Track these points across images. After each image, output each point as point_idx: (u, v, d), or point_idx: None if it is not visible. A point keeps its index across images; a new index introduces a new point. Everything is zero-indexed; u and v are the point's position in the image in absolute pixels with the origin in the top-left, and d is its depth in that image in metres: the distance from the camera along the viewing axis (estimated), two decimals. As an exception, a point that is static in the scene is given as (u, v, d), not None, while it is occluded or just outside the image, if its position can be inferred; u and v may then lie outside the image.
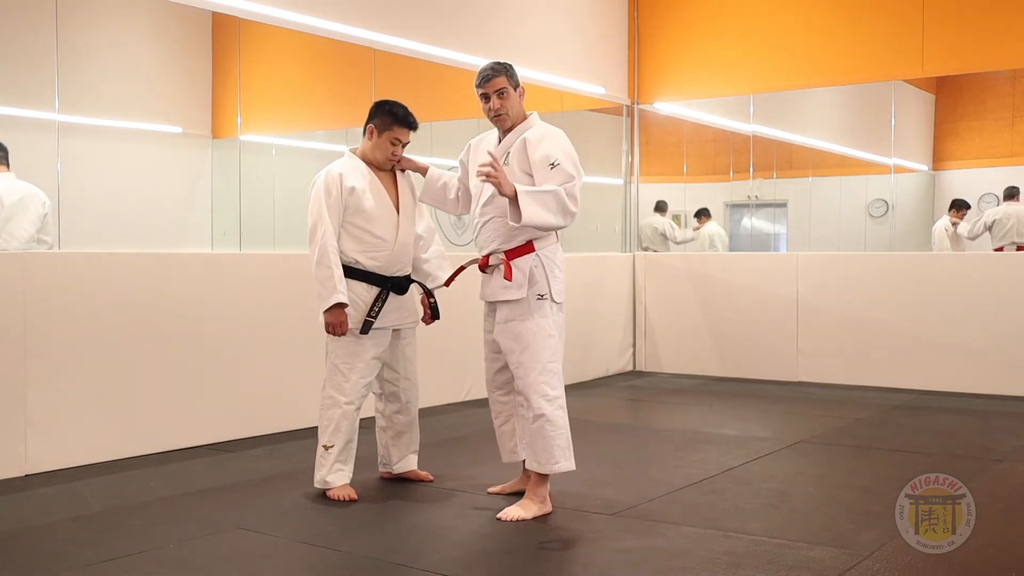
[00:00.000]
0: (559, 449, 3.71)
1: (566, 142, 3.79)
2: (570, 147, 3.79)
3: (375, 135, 4.05)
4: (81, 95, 7.06)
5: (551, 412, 3.70)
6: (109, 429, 4.69)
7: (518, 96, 3.84)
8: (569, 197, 3.66)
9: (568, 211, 3.66)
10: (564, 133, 3.86)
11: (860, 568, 3.12)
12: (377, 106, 4.09)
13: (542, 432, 3.71)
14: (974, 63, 7.53)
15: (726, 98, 8.70)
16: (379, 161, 4.08)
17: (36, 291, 4.42)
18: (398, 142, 4.05)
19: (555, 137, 3.78)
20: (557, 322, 3.81)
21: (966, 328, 6.94)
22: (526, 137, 3.76)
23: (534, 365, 3.72)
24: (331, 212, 3.94)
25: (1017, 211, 8.96)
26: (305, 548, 3.43)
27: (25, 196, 5.61)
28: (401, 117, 4.04)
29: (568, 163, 3.72)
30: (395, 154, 4.08)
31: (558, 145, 3.75)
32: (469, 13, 6.87)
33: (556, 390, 3.74)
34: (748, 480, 4.38)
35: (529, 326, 3.74)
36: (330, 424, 4.01)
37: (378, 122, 4.05)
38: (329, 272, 3.89)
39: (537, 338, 3.73)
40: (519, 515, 3.69)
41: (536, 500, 3.75)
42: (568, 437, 3.75)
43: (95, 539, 3.51)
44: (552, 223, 3.65)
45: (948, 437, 5.51)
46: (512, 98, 3.81)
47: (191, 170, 8.22)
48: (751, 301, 7.79)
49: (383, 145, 4.05)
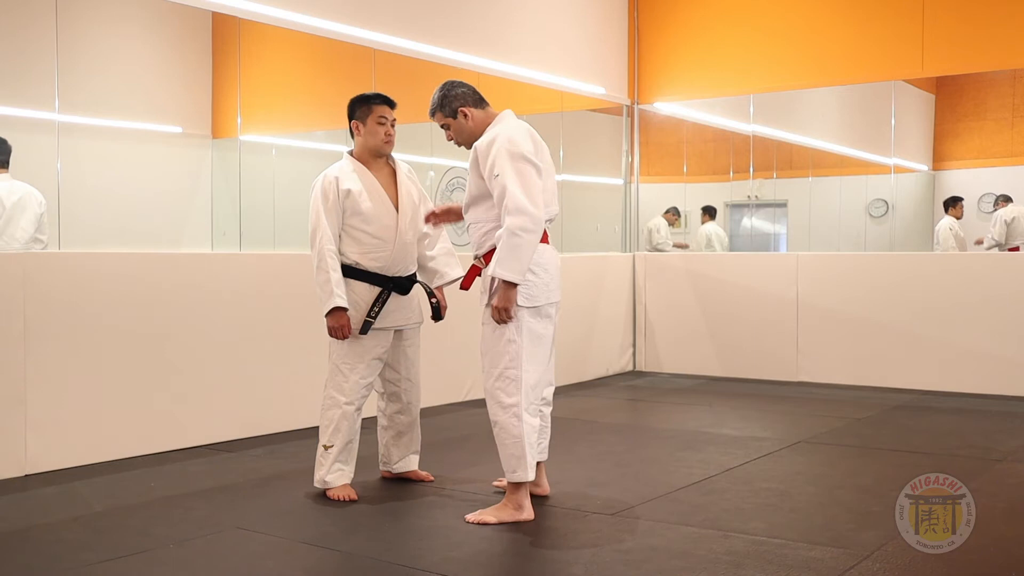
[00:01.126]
0: (514, 459, 3.63)
1: (512, 140, 3.62)
2: (518, 145, 3.61)
3: (361, 127, 4.07)
4: (81, 95, 7.06)
5: (504, 420, 3.63)
6: (109, 429, 4.69)
7: (464, 119, 3.80)
8: (514, 215, 3.51)
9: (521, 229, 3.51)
10: (518, 128, 3.71)
11: (860, 568, 3.12)
12: (350, 103, 4.12)
13: (500, 440, 3.67)
14: (974, 63, 7.53)
15: (726, 98, 8.69)
16: (376, 148, 4.07)
17: (36, 291, 4.42)
18: (384, 120, 4.06)
19: (498, 141, 3.63)
20: (527, 327, 3.65)
21: (966, 328, 6.94)
22: (476, 146, 3.72)
23: (492, 371, 3.66)
24: (329, 216, 3.94)
25: None
26: (305, 548, 3.43)
27: (23, 197, 5.62)
28: (373, 96, 4.07)
29: (510, 167, 3.56)
30: (388, 134, 4.07)
31: (501, 149, 3.61)
32: (469, 13, 6.87)
33: (512, 398, 3.63)
34: (748, 480, 4.38)
35: (488, 331, 3.68)
36: (330, 424, 4.01)
37: (358, 114, 4.08)
38: (327, 276, 3.89)
39: (496, 343, 3.65)
40: (482, 519, 3.64)
41: (510, 506, 3.68)
42: (523, 446, 3.62)
43: (95, 539, 3.51)
44: (527, 254, 3.55)
45: (948, 437, 5.51)
46: (456, 125, 3.83)
47: (191, 170, 8.22)
48: (751, 301, 7.79)
49: (373, 131, 4.05)
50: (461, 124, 3.82)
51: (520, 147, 3.62)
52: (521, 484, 3.69)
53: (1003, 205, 9.23)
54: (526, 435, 3.64)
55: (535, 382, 3.72)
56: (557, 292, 3.80)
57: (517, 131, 3.70)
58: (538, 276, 3.68)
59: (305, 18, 5.72)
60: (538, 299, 3.68)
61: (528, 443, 3.64)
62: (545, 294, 3.71)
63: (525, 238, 3.53)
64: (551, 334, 3.80)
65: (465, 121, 3.82)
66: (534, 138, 3.76)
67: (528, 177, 3.59)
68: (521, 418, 3.63)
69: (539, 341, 3.72)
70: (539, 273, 3.68)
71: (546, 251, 3.75)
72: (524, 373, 3.65)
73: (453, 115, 3.82)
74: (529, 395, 3.68)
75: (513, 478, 3.67)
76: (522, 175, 3.58)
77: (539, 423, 3.80)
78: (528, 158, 3.61)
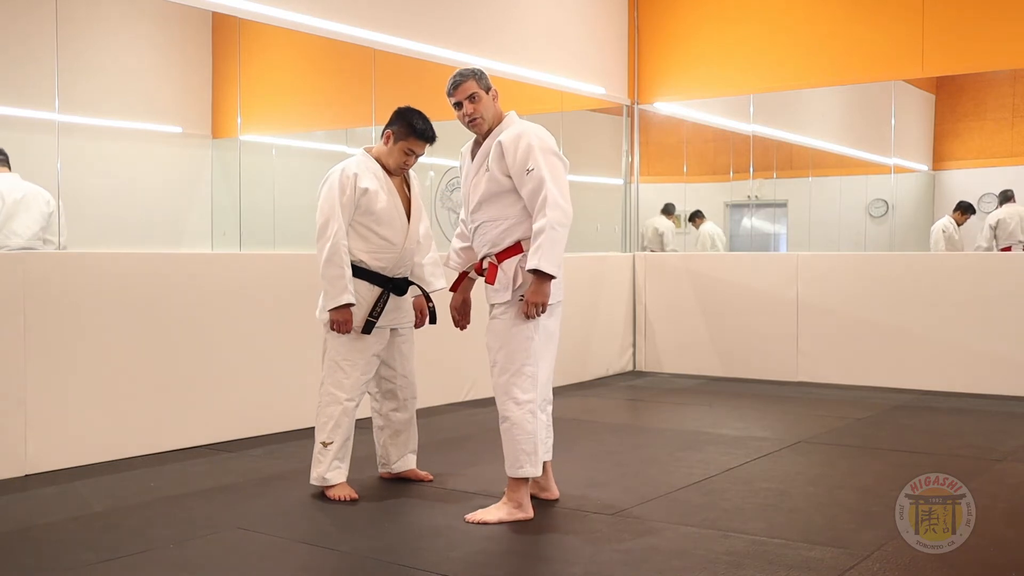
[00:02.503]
0: (524, 455, 3.65)
1: (541, 137, 3.69)
2: (546, 140, 3.69)
3: (391, 141, 4.05)
4: (81, 95, 7.06)
5: (518, 416, 3.64)
6: (109, 429, 4.69)
7: (491, 99, 3.77)
8: (552, 208, 3.56)
9: (559, 223, 3.56)
10: (540, 127, 3.76)
11: (860, 568, 3.12)
12: (398, 114, 4.06)
13: (509, 435, 3.68)
14: (974, 63, 7.53)
15: (726, 98, 8.69)
16: (391, 167, 4.09)
17: (36, 291, 4.42)
18: (412, 153, 4.05)
19: (528, 136, 3.66)
20: (543, 324, 3.70)
21: (966, 328, 6.94)
22: (500, 141, 3.69)
23: (508, 366, 3.67)
24: (343, 211, 3.96)
25: (1019, 211, 9.00)
26: (305, 548, 3.43)
27: (28, 195, 5.62)
28: (420, 131, 4.01)
29: (544, 162, 3.61)
30: (407, 163, 4.09)
31: (533, 144, 3.64)
32: (469, 13, 6.87)
33: (527, 394, 3.65)
34: (748, 480, 4.38)
35: (508, 325, 3.68)
36: (329, 421, 4.02)
37: (396, 130, 4.04)
38: (340, 272, 3.91)
39: (515, 339, 3.66)
40: (482, 518, 3.65)
41: (510, 503, 3.69)
42: (535, 443, 3.66)
43: (95, 539, 3.51)
44: (562, 249, 3.60)
45: (948, 437, 5.51)
46: (484, 101, 3.75)
47: (191, 170, 8.22)
48: (751, 301, 7.79)
49: (396, 154, 4.05)
50: (489, 102, 3.77)
51: (551, 143, 3.70)
52: (523, 482, 3.70)
53: (1004, 204, 9.19)
54: (539, 431, 3.68)
55: (546, 379, 3.76)
56: (562, 291, 3.83)
57: (542, 129, 3.75)
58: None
59: (305, 18, 5.72)
60: (555, 296, 3.70)
61: (540, 439, 3.68)
62: (558, 292, 3.74)
63: (562, 232, 3.59)
64: (559, 332, 3.86)
65: (493, 102, 3.79)
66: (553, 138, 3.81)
67: (560, 173, 3.65)
68: (536, 415, 3.67)
69: (551, 338, 3.79)
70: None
71: None
72: (539, 370, 3.69)
73: (487, 89, 3.78)
74: (542, 392, 3.72)
75: (519, 473, 3.67)
76: (555, 170, 3.64)
77: (547, 420, 3.83)
78: (559, 155, 3.69)
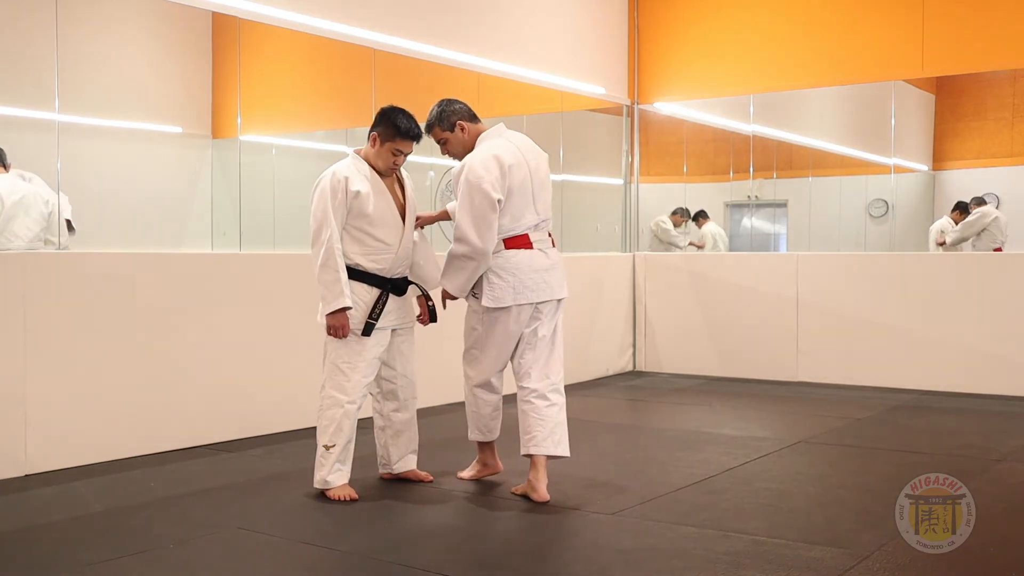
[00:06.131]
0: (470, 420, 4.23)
1: (474, 169, 3.90)
2: (475, 173, 3.88)
3: (377, 143, 4.04)
4: (81, 95, 7.05)
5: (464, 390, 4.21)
6: (109, 429, 4.69)
7: (459, 133, 4.07)
8: (457, 242, 3.90)
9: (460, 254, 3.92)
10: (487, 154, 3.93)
11: (860, 568, 3.12)
12: (382, 114, 4.05)
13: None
14: (974, 63, 7.52)
15: (726, 98, 8.69)
16: (381, 169, 4.07)
17: (36, 291, 4.42)
18: (399, 153, 4.04)
19: (465, 169, 3.94)
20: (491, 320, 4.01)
21: (966, 328, 6.94)
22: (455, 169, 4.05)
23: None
24: (336, 215, 3.94)
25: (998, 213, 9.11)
26: (305, 548, 3.43)
27: (27, 196, 5.60)
28: (404, 130, 4.00)
29: (464, 196, 3.89)
30: (396, 164, 4.07)
31: (464, 178, 3.92)
32: (469, 14, 6.87)
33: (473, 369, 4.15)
34: (748, 480, 4.38)
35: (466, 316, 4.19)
36: (331, 424, 4.01)
37: (381, 131, 4.02)
38: (336, 276, 3.90)
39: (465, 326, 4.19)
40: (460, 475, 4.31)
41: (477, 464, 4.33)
42: (469, 414, 4.22)
43: (95, 539, 3.51)
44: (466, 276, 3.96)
45: (948, 437, 5.51)
46: (452, 140, 4.09)
47: (191, 170, 8.21)
48: (751, 301, 7.79)
49: (384, 155, 4.04)
50: (458, 137, 4.08)
51: (480, 179, 3.89)
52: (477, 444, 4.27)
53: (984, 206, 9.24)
54: (473, 405, 4.18)
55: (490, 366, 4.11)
56: (538, 293, 4.00)
57: (483, 159, 3.94)
58: (503, 280, 3.95)
59: (305, 18, 5.71)
60: (503, 300, 3.97)
61: (478, 413, 4.17)
62: (512, 296, 3.96)
63: (464, 264, 3.94)
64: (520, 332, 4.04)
65: (462, 134, 4.08)
66: (503, 162, 3.93)
67: (477, 208, 3.87)
68: (475, 394, 4.16)
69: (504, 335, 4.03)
70: (504, 277, 3.95)
71: (515, 256, 3.98)
72: (484, 356, 4.09)
73: (451, 128, 4.08)
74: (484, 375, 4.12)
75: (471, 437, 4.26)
76: (474, 207, 3.87)
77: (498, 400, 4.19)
78: (485, 190, 3.87)
